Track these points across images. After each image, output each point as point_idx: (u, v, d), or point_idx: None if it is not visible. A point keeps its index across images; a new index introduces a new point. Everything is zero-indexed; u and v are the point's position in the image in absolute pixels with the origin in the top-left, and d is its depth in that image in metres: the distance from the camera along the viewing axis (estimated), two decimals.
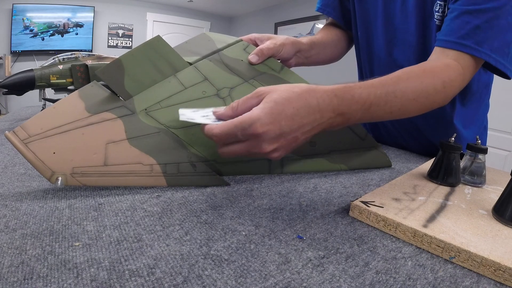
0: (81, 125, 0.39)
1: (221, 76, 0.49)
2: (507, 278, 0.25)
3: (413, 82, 0.44)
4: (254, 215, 0.35)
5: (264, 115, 0.31)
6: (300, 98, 0.33)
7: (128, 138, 0.40)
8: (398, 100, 0.41)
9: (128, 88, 0.44)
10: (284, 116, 0.32)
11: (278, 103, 0.32)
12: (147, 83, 0.45)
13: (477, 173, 0.45)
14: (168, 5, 4.63)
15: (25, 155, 0.36)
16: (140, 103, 0.43)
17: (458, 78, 0.48)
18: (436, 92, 0.45)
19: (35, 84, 0.98)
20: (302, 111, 0.33)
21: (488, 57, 0.48)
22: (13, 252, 0.25)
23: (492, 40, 0.47)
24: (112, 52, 4.17)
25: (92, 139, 0.39)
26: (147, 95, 0.44)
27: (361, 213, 0.35)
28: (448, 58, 0.49)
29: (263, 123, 0.31)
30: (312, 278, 0.24)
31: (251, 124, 0.31)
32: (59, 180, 0.36)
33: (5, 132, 0.37)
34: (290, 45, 0.61)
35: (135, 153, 0.40)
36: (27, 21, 3.72)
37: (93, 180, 0.38)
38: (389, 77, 0.42)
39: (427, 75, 0.45)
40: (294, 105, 0.33)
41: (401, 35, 0.64)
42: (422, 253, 0.29)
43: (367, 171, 0.53)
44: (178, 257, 0.26)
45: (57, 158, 0.37)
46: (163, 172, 0.41)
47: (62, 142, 0.38)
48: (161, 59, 0.47)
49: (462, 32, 0.48)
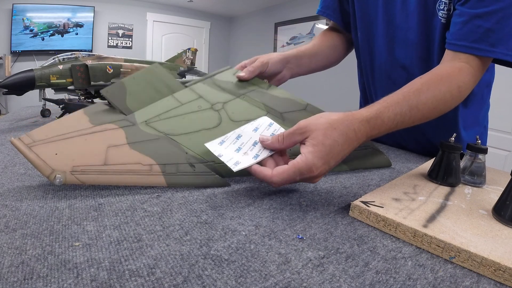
0: (84, 133, 0.42)
1: (214, 94, 0.55)
2: (507, 278, 0.25)
3: (432, 92, 0.46)
4: (254, 215, 0.35)
5: (317, 160, 0.36)
6: (342, 135, 0.38)
7: (129, 143, 0.42)
8: (420, 112, 0.45)
9: (130, 105, 0.48)
10: (332, 156, 0.37)
11: (326, 145, 0.37)
12: (147, 101, 0.50)
13: (477, 173, 0.45)
14: (168, 5, 4.63)
15: (27, 156, 0.37)
16: (140, 117, 0.47)
17: (471, 80, 0.50)
18: (453, 97, 0.48)
19: (35, 84, 0.98)
20: (345, 146, 0.38)
21: (505, 55, 0.49)
22: (13, 252, 0.25)
23: (506, 39, 0.49)
24: (112, 52, 4.18)
25: (94, 144, 0.41)
26: (147, 110, 0.48)
27: (361, 213, 0.35)
28: (461, 61, 0.51)
29: (317, 166, 0.36)
30: (312, 278, 0.24)
31: (309, 170, 0.36)
32: (58, 178, 0.36)
33: (11, 138, 0.39)
34: (277, 60, 0.65)
35: (134, 154, 0.41)
36: (27, 21, 3.72)
37: (92, 178, 0.38)
38: (411, 91, 0.45)
39: (444, 83, 0.48)
40: (339, 142, 0.38)
41: (402, 34, 0.64)
42: (422, 253, 0.29)
43: (367, 171, 0.53)
44: (178, 257, 0.26)
45: (58, 158, 0.38)
46: (162, 172, 0.41)
47: (64, 145, 0.40)
48: (159, 82, 0.53)
49: (475, 37, 0.50)
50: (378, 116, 0.41)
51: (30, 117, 1.06)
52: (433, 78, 0.47)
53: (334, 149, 0.37)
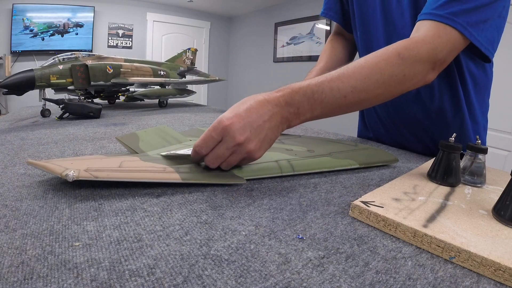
0: (100, 157, 0.46)
1: None
2: (507, 278, 0.25)
3: (357, 63, 0.45)
4: (254, 215, 0.35)
5: (226, 113, 0.40)
6: (249, 98, 0.42)
7: (141, 160, 0.46)
8: (346, 83, 0.43)
9: (143, 147, 0.54)
10: (242, 109, 0.40)
11: (234, 106, 0.41)
12: (158, 146, 0.56)
13: (477, 173, 0.45)
14: (168, 5, 4.63)
15: (43, 166, 0.38)
16: (152, 153, 0.52)
17: (418, 45, 0.46)
18: (391, 65, 0.44)
19: (35, 84, 0.98)
20: (254, 104, 0.41)
21: (464, 29, 0.46)
22: (13, 252, 0.25)
23: (469, 14, 0.46)
24: (112, 52, 4.17)
25: (109, 160, 0.44)
26: (159, 150, 0.53)
27: (361, 213, 0.35)
28: (419, 32, 0.48)
29: (227, 117, 0.39)
30: (312, 278, 0.24)
31: (219, 121, 0.39)
32: (71, 173, 0.35)
33: (27, 159, 0.41)
34: None
35: (147, 163, 0.44)
36: (27, 21, 3.72)
37: (105, 174, 0.37)
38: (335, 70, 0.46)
39: (375, 54, 0.46)
40: (247, 102, 0.41)
41: (399, 31, 0.65)
42: (422, 253, 0.29)
43: (367, 171, 0.53)
44: (178, 257, 0.26)
45: (73, 165, 0.39)
46: (176, 171, 0.41)
47: (80, 161, 0.43)
48: (168, 135, 0.61)
49: (438, 4, 0.47)
50: (286, 85, 0.43)
51: (30, 117, 1.06)
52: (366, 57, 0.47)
53: (243, 106, 0.40)
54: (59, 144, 0.65)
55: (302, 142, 0.65)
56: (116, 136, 0.58)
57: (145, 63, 1.50)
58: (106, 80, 1.24)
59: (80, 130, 0.82)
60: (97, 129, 0.84)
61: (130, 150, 0.54)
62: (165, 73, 1.55)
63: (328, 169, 0.51)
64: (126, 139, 0.57)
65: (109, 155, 0.49)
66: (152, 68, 1.48)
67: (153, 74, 1.48)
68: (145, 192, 0.39)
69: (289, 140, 0.65)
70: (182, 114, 1.24)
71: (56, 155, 0.56)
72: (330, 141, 0.70)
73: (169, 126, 0.87)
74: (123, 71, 1.32)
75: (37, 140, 0.68)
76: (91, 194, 0.37)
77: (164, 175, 0.40)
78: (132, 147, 0.54)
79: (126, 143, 0.55)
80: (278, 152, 0.54)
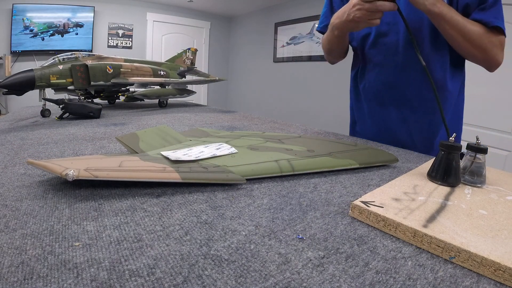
0: (99, 157, 0.46)
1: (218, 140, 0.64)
2: (507, 278, 0.25)
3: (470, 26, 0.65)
4: (254, 215, 0.35)
5: None
6: None
7: (141, 160, 0.46)
8: (462, 23, 0.64)
9: (143, 147, 0.55)
10: None
11: None
12: (158, 146, 0.56)
13: (477, 173, 0.45)
14: (168, 5, 4.63)
15: (43, 166, 0.38)
16: (152, 152, 0.52)
17: None
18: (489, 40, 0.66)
19: (35, 84, 0.98)
20: None
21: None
22: (13, 252, 0.25)
23: None
24: (112, 52, 4.17)
25: (109, 160, 0.44)
26: (159, 150, 0.54)
27: (361, 213, 0.35)
28: None
29: None
30: (312, 278, 0.24)
31: None
32: (71, 172, 0.35)
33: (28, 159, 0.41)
34: None
35: (147, 162, 0.44)
36: (27, 21, 3.72)
37: (105, 173, 0.37)
38: None
39: None
40: None
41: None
42: (422, 253, 0.29)
43: (367, 171, 0.53)
44: (178, 257, 0.26)
45: (73, 165, 0.39)
46: (176, 171, 0.41)
47: (80, 160, 0.43)
48: (168, 135, 0.62)
49: None
50: None
51: (30, 117, 1.06)
52: None
53: None
54: (59, 144, 0.65)
55: (302, 142, 0.65)
56: (116, 136, 0.59)
57: (145, 63, 1.50)
58: (106, 80, 1.24)
59: (80, 130, 0.82)
60: (97, 129, 0.84)
61: (130, 150, 0.54)
62: (165, 73, 1.55)
63: (328, 169, 0.51)
64: (126, 139, 0.57)
65: (109, 155, 0.49)
66: (152, 68, 1.48)
67: (153, 74, 1.48)
68: (145, 192, 0.39)
69: (289, 140, 0.66)
70: (182, 114, 1.24)
71: (56, 155, 0.56)
72: (330, 141, 0.70)
73: (169, 126, 0.87)
74: (123, 71, 1.32)
75: (37, 140, 0.68)
76: (91, 194, 0.37)
77: (164, 175, 0.40)
78: (132, 147, 0.54)
79: (126, 143, 0.56)
80: (278, 152, 0.54)
